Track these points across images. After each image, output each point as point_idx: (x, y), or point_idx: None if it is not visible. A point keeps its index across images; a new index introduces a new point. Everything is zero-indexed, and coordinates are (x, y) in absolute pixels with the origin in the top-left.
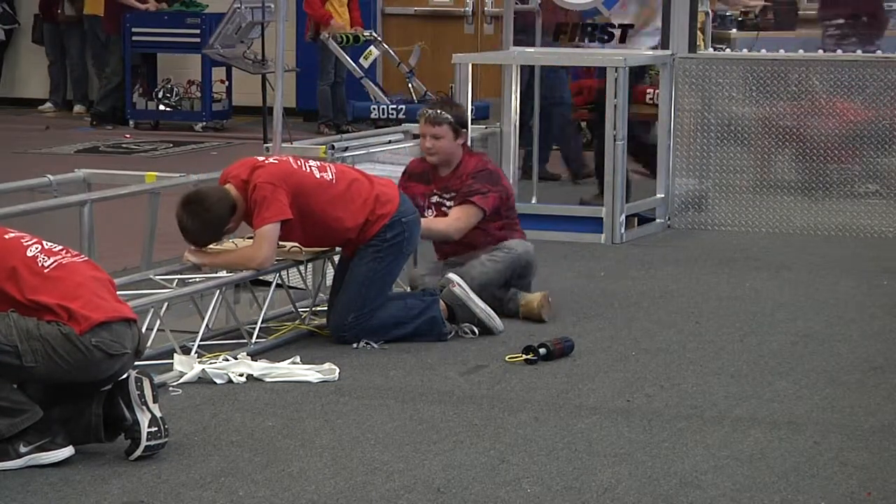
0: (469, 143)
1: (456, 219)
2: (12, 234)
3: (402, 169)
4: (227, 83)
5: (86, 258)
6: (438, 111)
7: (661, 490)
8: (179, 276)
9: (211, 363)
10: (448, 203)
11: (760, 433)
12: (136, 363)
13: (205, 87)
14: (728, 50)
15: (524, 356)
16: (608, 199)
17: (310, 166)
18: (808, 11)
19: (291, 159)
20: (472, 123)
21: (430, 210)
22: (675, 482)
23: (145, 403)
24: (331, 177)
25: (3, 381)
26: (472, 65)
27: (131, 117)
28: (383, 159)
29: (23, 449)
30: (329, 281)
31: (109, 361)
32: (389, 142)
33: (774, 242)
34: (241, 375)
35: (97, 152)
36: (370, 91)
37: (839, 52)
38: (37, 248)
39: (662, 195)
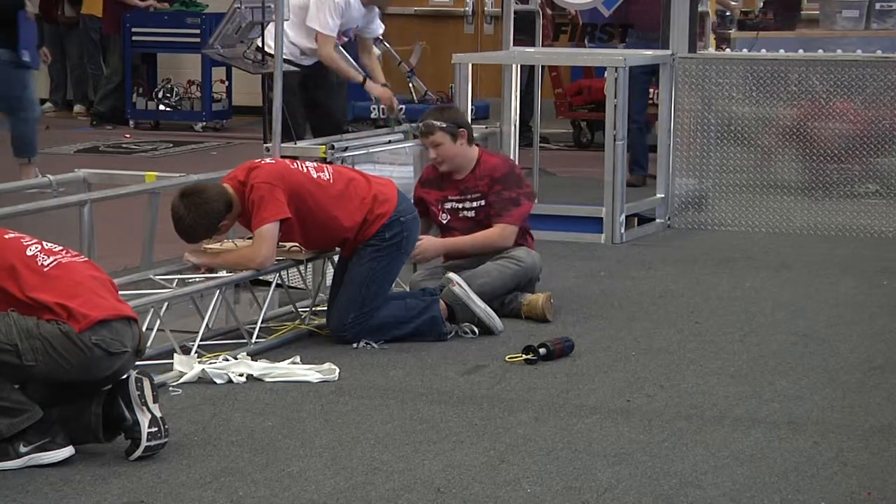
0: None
1: (504, 238)
2: (12, 235)
3: (401, 169)
4: (227, 83)
5: (86, 258)
6: (427, 122)
7: (661, 490)
8: (179, 276)
9: (211, 363)
10: (470, 205)
11: (760, 433)
12: (136, 363)
13: (205, 87)
14: (728, 50)
15: (524, 356)
16: (608, 199)
17: (307, 166)
18: (808, 11)
19: (288, 160)
20: (472, 123)
21: (444, 215)
22: (675, 482)
23: (145, 403)
24: (328, 177)
25: (4, 380)
26: (472, 65)
27: (131, 117)
28: (383, 159)
29: (23, 449)
30: (329, 281)
31: (109, 360)
32: (389, 142)
33: (774, 242)
34: (241, 375)
35: (97, 152)
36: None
37: (839, 52)
38: (36, 248)
39: (662, 195)
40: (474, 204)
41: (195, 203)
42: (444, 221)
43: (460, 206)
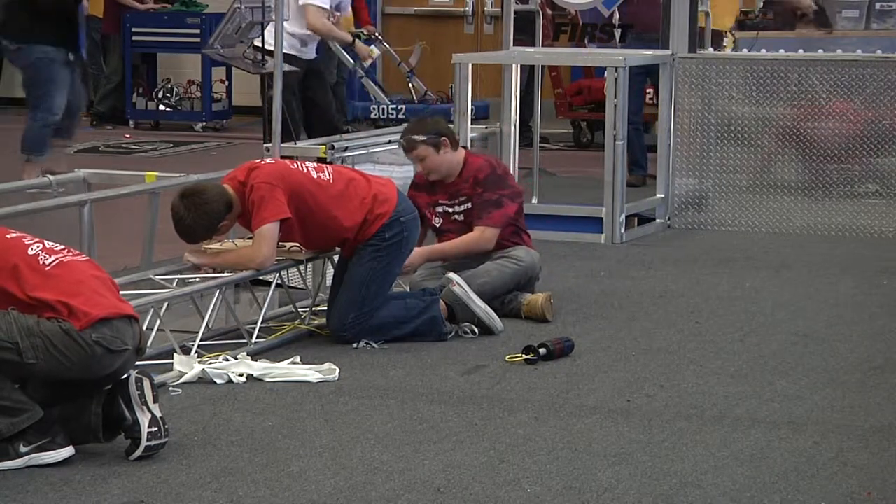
0: (468, 143)
1: (485, 240)
2: (14, 234)
3: (401, 169)
4: (227, 83)
5: (87, 258)
6: (408, 137)
7: (661, 490)
8: (179, 276)
9: (211, 363)
10: (459, 208)
11: (760, 433)
12: (137, 363)
13: (205, 87)
14: (728, 50)
15: (524, 356)
16: (608, 199)
17: (307, 167)
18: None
19: (288, 160)
20: (472, 123)
21: (437, 218)
22: (675, 482)
23: (145, 403)
24: (328, 177)
25: (4, 379)
26: (472, 65)
27: (131, 117)
28: (383, 159)
29: (23, 449)
30: (329, 281)
31: (110, 358)
32: (389, 142)
33: (774, 242)
34: (241, 375)
35: (97, 152)
36: (370, 90)
37: (839, 52)
38: (38, 247)
39: (662, 195)
40: (462, 207)
41: (195, 203)
42: (438, 225)
43: (451, 209)
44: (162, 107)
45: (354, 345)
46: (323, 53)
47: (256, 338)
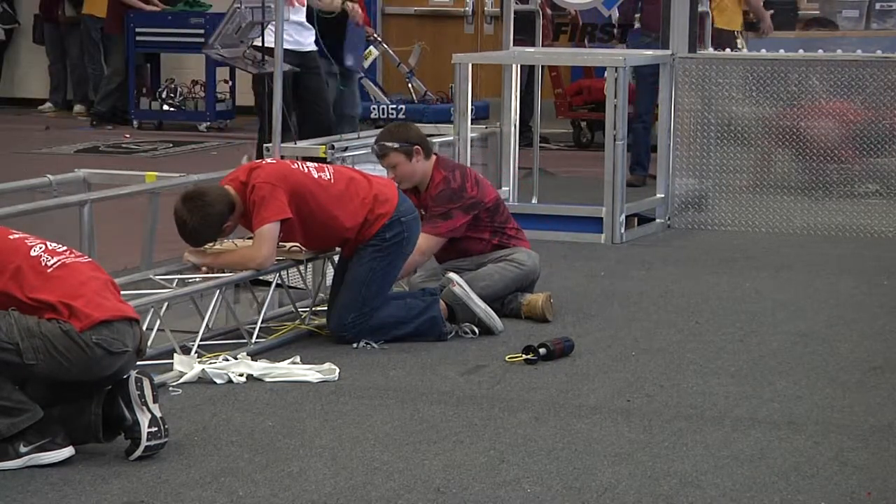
0: (468, 142)
1: (417, 251)
2: (16, 235)
3: None
4: (230, 83)
5: (89, 259)
6: (380, 143)
7: (661, 490)
8: (179, 276)
9: (211, 363)
10: None
11: (760, 433)
12: (137, 363)
13: (208, 88)
14: (728, 50)
15: (524, 356)
16: (608, 199)
17: (308, 166)
18: (808, 11)
19: (289, 160)
20: (472, 123)
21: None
22: (675, 482)
23: (145, 403)
24: (328, 177)
25: (4, 380)
26: (472, 65)
27: (135, 118)
28: None
29: (23, 449)
30: (329, 281)
31: (110, 359)
32: None
33: (774, 242)
34: (241, 375)
35: (97, 152)
36: (370, 91)
37: (839, 51)
38: (41, 248)
39: (662, 195)
40: None
41: (198, 207)
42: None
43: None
44: (165, 107)
45: (354, 345)
46: (321, 51)
47: (256, 338)
